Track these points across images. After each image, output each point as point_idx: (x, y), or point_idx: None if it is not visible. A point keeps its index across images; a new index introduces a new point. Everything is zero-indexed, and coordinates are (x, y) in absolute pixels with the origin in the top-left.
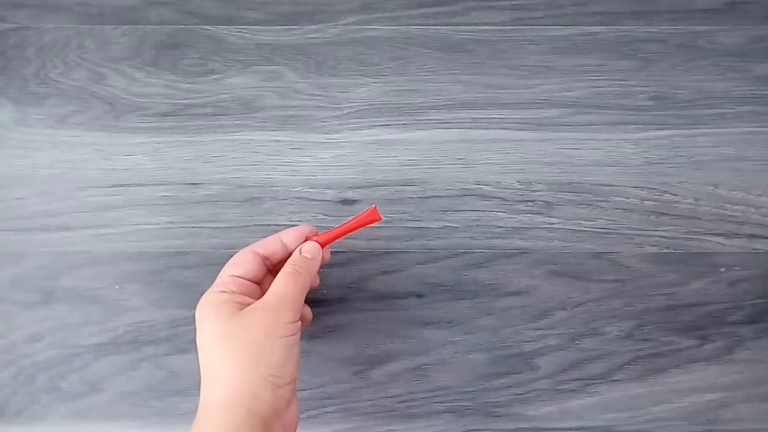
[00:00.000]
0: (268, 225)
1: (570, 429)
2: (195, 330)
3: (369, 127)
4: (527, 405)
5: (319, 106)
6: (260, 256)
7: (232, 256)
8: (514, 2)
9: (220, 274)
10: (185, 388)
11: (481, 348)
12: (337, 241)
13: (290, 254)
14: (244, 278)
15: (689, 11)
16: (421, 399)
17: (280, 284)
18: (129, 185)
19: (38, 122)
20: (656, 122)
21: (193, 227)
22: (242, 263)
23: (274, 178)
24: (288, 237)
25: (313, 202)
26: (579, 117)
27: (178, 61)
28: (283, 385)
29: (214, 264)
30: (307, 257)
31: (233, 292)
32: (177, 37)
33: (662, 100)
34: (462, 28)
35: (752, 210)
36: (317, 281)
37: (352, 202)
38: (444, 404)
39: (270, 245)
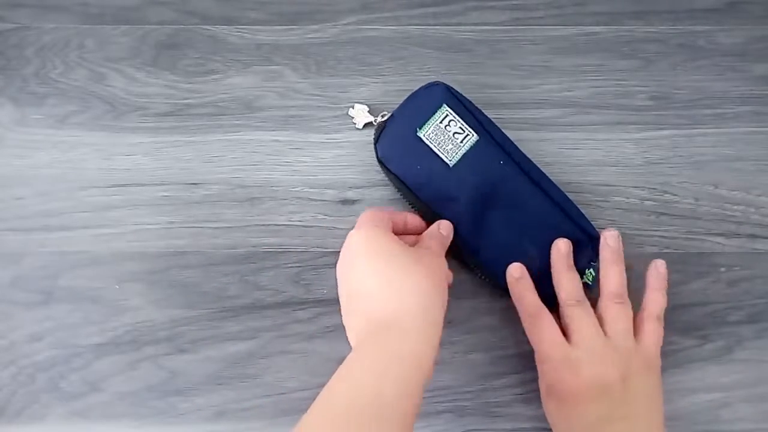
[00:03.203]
0: (268, 225)
1: None
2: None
3: (369, 127)
4: (527, 405)
5: (319, 106)
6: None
7: (231, 256)
8: (514, 2)
9: (378, 215)
10: (185, 388)
11: (481, 348)
12: (337, 241)
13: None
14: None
15: (689, 11)
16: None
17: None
18: (129, 185)
19: (38, 122)
20: (656, 122)
21: (193, 227)
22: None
23: (274, 178)
24: (413, 220)
25: (313, 202)
26: (579, 117)
27: (178, 61)
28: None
29: (214, 264)
30: (443, 233)
31: None
32: (177, 37)
33: (662, 100)
34: (462, 28)
35: (752, 210)
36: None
37: (352, 202)
38: (444, 404)
39: (398, 218)
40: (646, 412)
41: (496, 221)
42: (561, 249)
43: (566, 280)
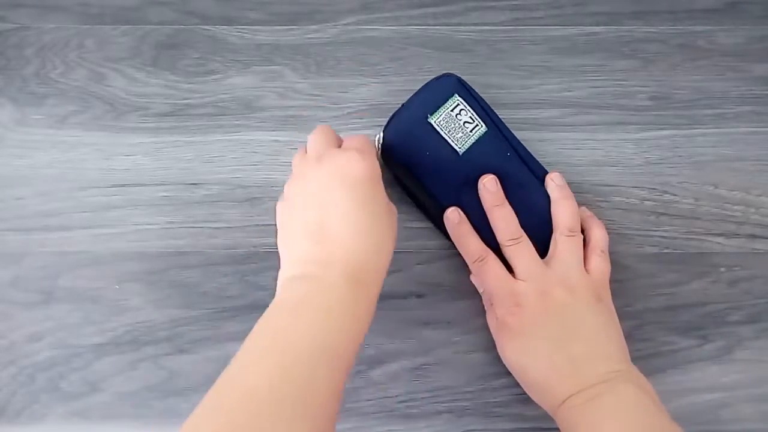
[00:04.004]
0: (268, 225)
1: None
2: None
3: (369, 127)
4: (527, 405)
5: (319, 106)
6: None
7: (231, 256)
8: (514, 2)
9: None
10: (185, 389)
11: (481, 348)
12: None
13: None
14: None
15: (689, 11)
16: (421, 399)
17: None
18: (129, 185)
19: (38, 122)
20: (656, 122)
21: (193, 227)
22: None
23: (274, 178)
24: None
25: None
26: (579, 117)
27: (178, 61)
28: None
29: (214, 264)
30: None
31: None
32: (177, 37)
33: (662, 100)
34: (462, 28)
35: (752, 210)
36: None
37: None
38: (444, 404)
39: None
40: (605, 338)
41: None
42: (488, 187)
43: (500, 219)
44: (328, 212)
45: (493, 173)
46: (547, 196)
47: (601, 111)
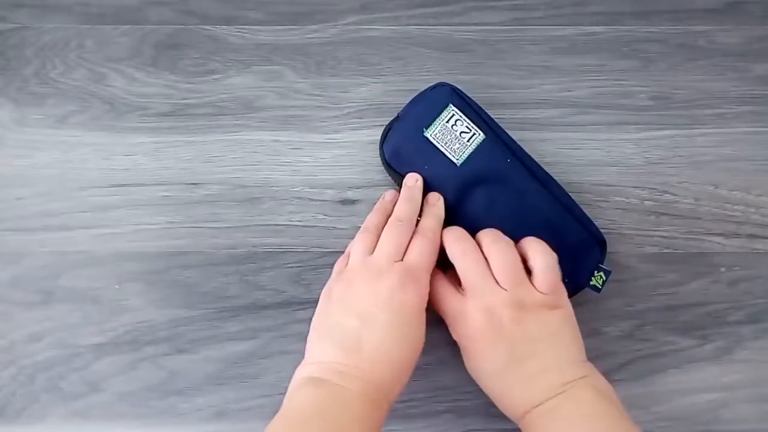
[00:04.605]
0: (268, 225)
1: None
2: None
3: (369, 127)
4: None
5: (319, 106)
6: None
7: (231, 256)
8: (514, 2)
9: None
10: (185, 388)
11: None
12: (337, 241)
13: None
14: None
15: (689, 11)
16: (421, 399)
17: None
18: (129, 185)
19: (38, 122)
20: (656, 122)
21: (193, 227)
22: None
23: (274, 178)
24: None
25: (313, 202)
26: (579, 117)
27: (178, 61)
28: None
29: (214, 264)
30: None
31: None
32: (177, 37)
33: (662, 100)
34: (462, 28)
35: (752, 210)
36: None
37: (352, 202)
38: (444, 404)
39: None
40: (558, 349)
41: (504, 220)
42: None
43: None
44: (367, 326)
45: (494, 180)
46: (549, 200)
47: (601, 111)
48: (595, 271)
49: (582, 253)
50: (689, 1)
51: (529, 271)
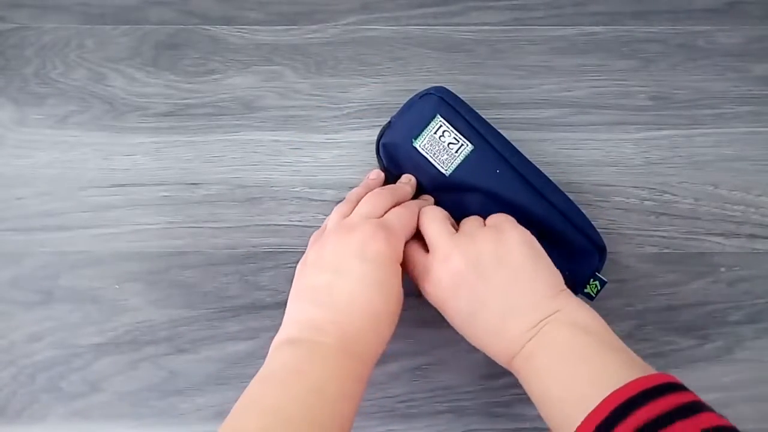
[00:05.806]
0: (268, 225)
1: None
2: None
3: (369, 127)
4: (527, 405)
5: (319, 106)
6: None
7: (231, 256)
8: (514, 2)
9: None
10: (185, 388)
11: None
12: None
13: None
14: None
15: (689, 11)
16: (421, 399)
17: None
18: (129, 185)
19: (38, 122)
20: (656, 122)
21: (193, 227)
22: None
23: (274, 178)
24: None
25: (313, 202)
26: (579, 117)
27: (178, 61)
28: None
29: (214, 264)
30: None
31: None
32: (177, 37)
33: (662, 100)
34: (462, 28)
35: (752, 210)
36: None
37: None
38: (444, 404)
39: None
40: (522, 289)
41: None
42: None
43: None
44: (340, 278)
45: (482, 192)
46: (543, 209)
47: (601, 111)
48: (591, 279)
49: (579, 261)
50: (689, 1)
51: None
